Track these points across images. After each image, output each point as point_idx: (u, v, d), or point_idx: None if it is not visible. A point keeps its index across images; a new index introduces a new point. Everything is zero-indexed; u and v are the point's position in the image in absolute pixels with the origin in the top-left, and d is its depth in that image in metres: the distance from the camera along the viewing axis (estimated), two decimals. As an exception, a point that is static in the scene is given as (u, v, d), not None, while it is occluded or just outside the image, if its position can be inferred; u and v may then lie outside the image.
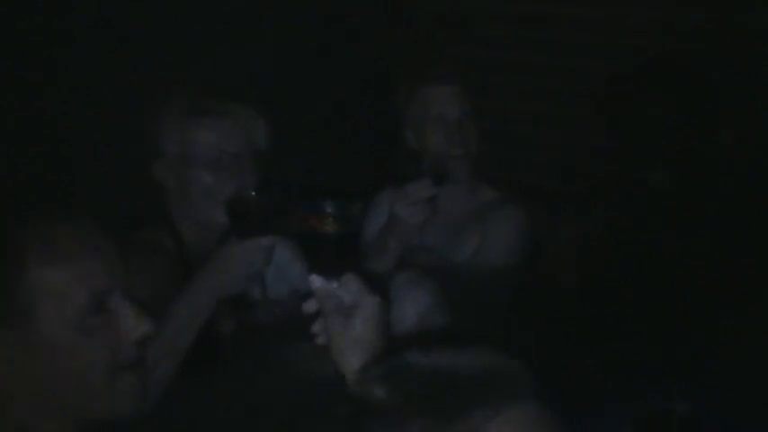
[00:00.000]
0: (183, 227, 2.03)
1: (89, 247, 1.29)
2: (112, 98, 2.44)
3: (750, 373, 1.88)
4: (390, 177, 2.54)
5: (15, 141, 2.26)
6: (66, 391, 1.27)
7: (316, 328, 1.48)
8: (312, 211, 1.61)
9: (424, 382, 0.97)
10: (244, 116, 2.02)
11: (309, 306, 1.48)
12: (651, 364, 1.79)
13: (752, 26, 3.04)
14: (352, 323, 1.42)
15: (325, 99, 3.20)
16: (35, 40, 2.37)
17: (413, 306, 2.05)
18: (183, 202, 2.01)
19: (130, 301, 1.31)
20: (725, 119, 2.56)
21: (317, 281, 1.46)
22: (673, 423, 1.62)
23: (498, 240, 2.43)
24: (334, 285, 1.45)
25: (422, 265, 2.31)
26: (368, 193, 2.48)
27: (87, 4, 2.50)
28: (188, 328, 1.79)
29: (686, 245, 2.28)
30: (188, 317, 1.79)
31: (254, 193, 1.86)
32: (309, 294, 1.47)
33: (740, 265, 2.25)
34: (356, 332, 1.42)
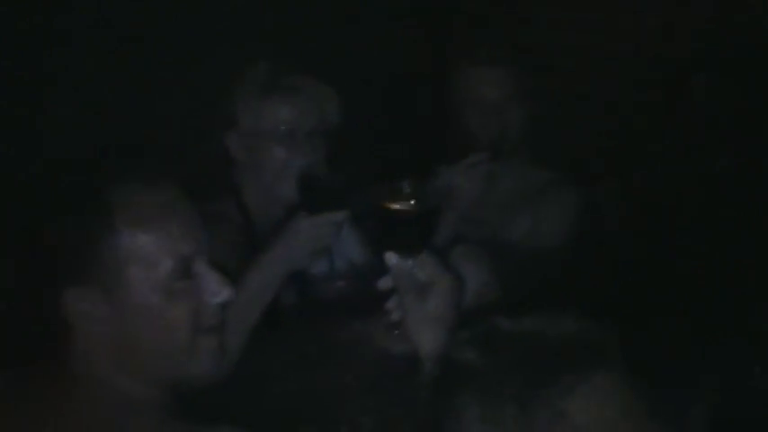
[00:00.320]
0: (251, 200, 2.07)
1: (176, 215, 1.34)
2: (189, 72, 2.47)
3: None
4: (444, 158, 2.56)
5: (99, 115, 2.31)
6: (151, 351, 1.32)
7: (390, 304, 1.52)
8: (387, 189, 1.63)
9: (514, 347, 1.00)
10: (318, 93, 2.05)
11: (384, 283, 1.53)
12: (731, 339, 1.77)
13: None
14: (427, 301, 1.47)
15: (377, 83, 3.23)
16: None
17: (469, 281, 2.08)
18: (253, 176, 2.05)
19: (213, 267, 1.36)
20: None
21: (392, 258, 1.50)
22: (749, 400, 1.62)
23: (551, 220, 2.46)
24: (410, 263, 1.49)
25: (475, 241, 2.34)
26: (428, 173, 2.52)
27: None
28: (258, 300, 1.82)
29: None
30: (258, 289, 1.82)
31: (325, 170, 1.88)
32: (384, 272, 1.51)
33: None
34: (432, 309, 1.46)
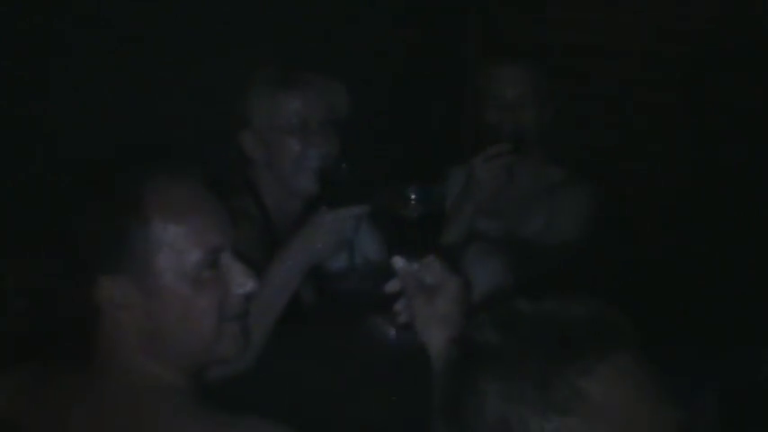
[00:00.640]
0: (269, 197, 2.10)
1: (204, 207, 1.38)
2: (200, 75, 2.51)
3: None
4: (462, 154, 2.60)
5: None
6: (178, 337, 1.36)
7: (398, 306, 1.57)
8: (393, 194, 1.68)
9: (533, 328, 1.04)
10: (326, 86, 2.09)
11: (392, 286, 1.57)
12: (743, 334, 1.78)
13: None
14: (435, 302, 1.51)
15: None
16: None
17: (486, 276, 2.11)
18: (270, 172, 2.09)
19: (239, 258, 1.40)
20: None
21: (399, 262, 1.55)
22: (759, 395, 1.63)
23: (566, 218, 2.49)
24: (416, 267, 1.54)
25: (491, 237, 2.37)
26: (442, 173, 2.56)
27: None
28: (281, 294, 1.84)
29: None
30: (281, 283, 1.84)
31: (344, 165, 1.91)
32: (392, 274, 1.56)
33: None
34: (440, 310, 1.50)
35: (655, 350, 1.08)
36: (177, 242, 1.33)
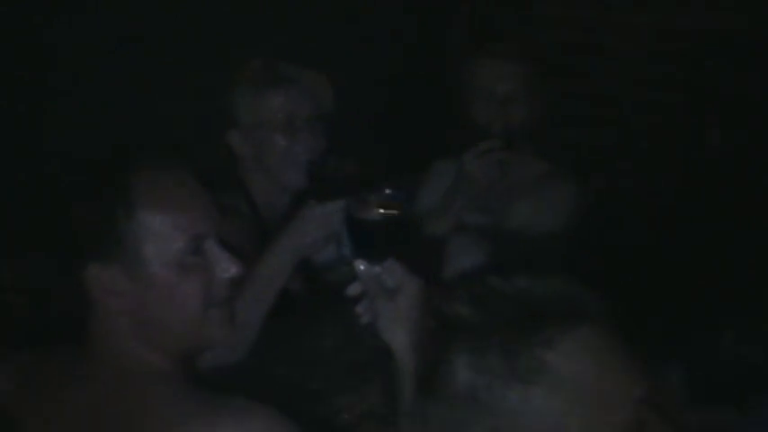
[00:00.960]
0: (257, 194, 2.14)
1: (189, 195, 1.43)
2: (191, 73, 2.55)
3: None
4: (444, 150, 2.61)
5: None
6: (166, 322, 1.41)
7: (359, 308, 1.62)
8: (357, 200, 1.74)
9: (505, 303, 1.07)
10: (311, 80, 2.13)
11: (353, 289, 1.63)
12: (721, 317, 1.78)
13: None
14: (396, 303, 1.57)
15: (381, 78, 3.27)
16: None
17: (469, 266, 2.14)
18: (258, 169, 2.13)
19: (223, 245, 1.44)
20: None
21: (360, 265, 1.61)
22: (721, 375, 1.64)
23: (550, 211, 2.49)
24: (377, 270, 1.60)
25: (476, 228, 2.38)
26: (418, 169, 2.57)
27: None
28: (271, 286, 1.88)
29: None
30: (271, 276, 1.88)
31: (331, 158, 1.95)
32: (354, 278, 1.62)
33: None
34: (401, 311, 1.57)
35: (625, 327, 1.12)
36: (162, 229, 1.37)
